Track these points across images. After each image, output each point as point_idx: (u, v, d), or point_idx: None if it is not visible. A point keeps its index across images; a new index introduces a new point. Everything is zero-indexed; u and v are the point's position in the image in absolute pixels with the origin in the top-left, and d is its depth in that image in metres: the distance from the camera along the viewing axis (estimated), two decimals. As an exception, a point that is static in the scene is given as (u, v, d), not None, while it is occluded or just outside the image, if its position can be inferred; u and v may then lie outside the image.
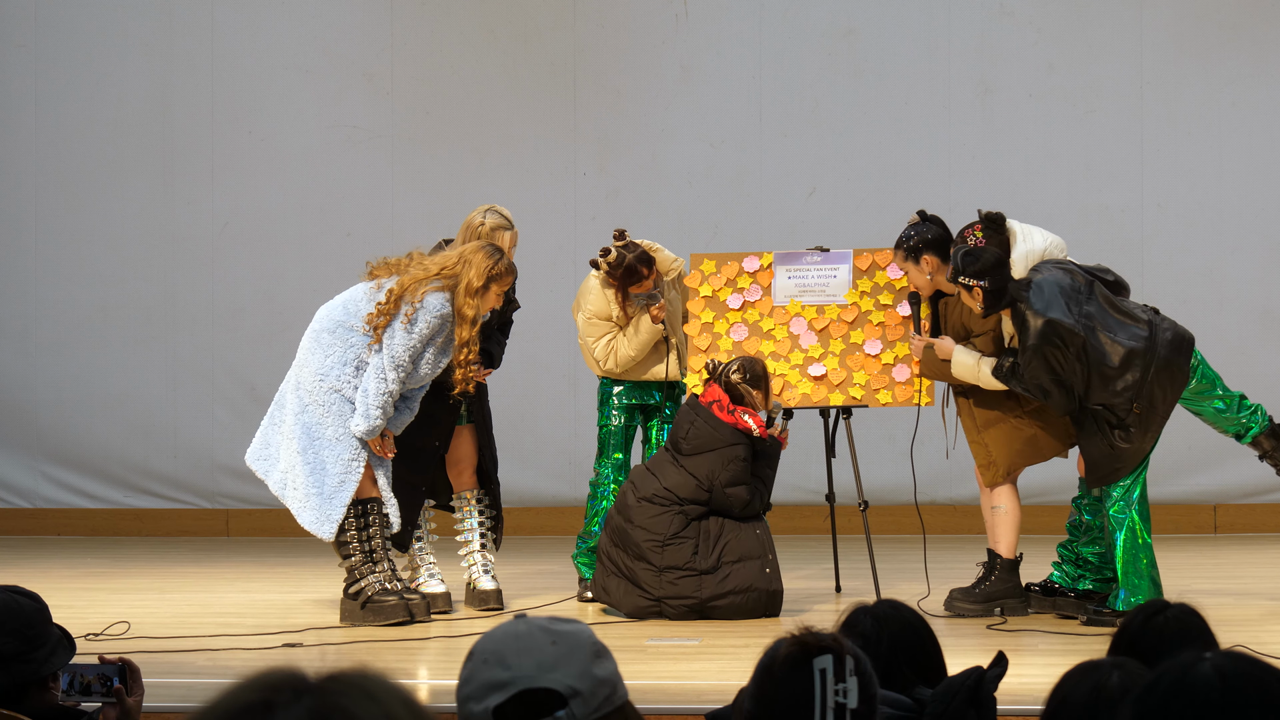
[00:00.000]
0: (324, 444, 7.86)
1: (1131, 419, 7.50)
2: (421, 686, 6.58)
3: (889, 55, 11.46)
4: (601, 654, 2.68)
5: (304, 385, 7.93)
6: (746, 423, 7.96)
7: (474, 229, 8.25)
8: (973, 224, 7.76)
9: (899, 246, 8.03)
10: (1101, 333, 7.50)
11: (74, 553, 10.83)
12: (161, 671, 6.41)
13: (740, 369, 8.07)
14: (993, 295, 7.60)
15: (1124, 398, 7.49)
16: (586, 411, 9.97)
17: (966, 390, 7.98)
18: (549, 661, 2.61)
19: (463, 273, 7.84)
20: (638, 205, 11.36)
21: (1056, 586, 7.90)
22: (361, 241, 11.69)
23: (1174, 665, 2.42)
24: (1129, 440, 7.52)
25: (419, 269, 7.89)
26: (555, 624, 2.70)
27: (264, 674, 1.91)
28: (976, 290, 7.60)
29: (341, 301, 8.04)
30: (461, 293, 7.81)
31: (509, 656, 2.61)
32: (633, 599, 7.90)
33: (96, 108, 11.86)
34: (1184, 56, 11.30)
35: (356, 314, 7.93)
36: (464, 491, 8.39)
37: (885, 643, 3.79)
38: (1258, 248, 11.25)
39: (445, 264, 7.88)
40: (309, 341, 8.01)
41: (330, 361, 7.88)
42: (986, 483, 7.97)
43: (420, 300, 7.81)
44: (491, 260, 7.86)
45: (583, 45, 11.65)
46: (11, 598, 4.15)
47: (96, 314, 11.87)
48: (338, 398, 7.86)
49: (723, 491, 7.90)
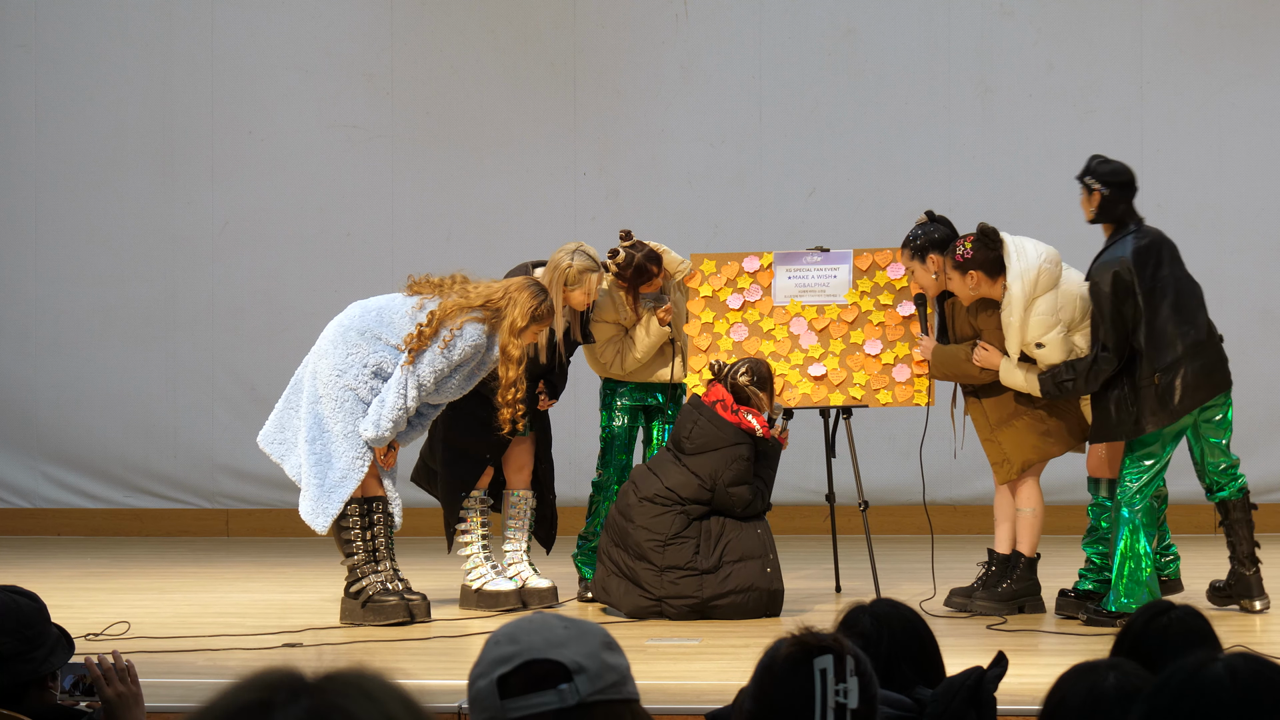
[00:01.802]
0: (331, 438, 7.87)
1: (1145, 386, 7.51)
2: (421, 686, 6.58)
3: (889, 55, 11.46)
4: (614, 647, 2.68)
5: (320, 376, 7.92)
6: (750, 423, 7.96)
7: (561, 271, 8.15)
8: (966, 235, 7.79)
9: (906, 246, 8.03)
10: (1169, 301, 7.56)
11: (74, 553, 10.82)
12: (161, 671, 6.40)
13: (748, 371, 8.07)
14: (1107, 204, 7.72)
15: (1152, 366, 7.52)
16: (586, 411, 9.97)
17: (977, 389, 7.98)
18: (558, 639, 2.61)
19: (507, 310, 7.79)
20: (638, 205, 11.36)
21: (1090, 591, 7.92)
22: (361, 241, 11.70)
23: (1185, 665, 2.43)
24: (1133, 403, 7.52)
25: (461, 296, 7.87)
26: (569, 620, 2.71)
27: (263, 674, 1.90)
28: (1096, 194, 7.73)
29: (377, 309, 7.98)
30: (505, 330, 7.78)
31: (520, 635, 2.62)
32: (633, 599, 7.90)
33: (96, 108, 11.86)
34: (1184, 56, 11.30)
35: (390, 327, 7.88)
36: (518, 490, 8.40)
37: (885, 642, 3.79)
38: (1258, 248, 11.25)
39: (490, 296, 7.83)
40: (334, 334, 7.97)
41: (351, 361, 7.87)
42: (1000, 480, 7.98)
43: (460, 328, 7.79)
44: (536, 301, 7.81)
45: (583, 45, 11.65)
46: (10, 598, 4.15)
47: (96, 314, 11.87)
48: (351, 395, 7.86)
49: (725, 491, 7.89)
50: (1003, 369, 7.79)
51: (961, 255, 7.72)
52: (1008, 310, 7.68)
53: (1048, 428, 7.92)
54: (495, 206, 11.66)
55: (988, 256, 7.70)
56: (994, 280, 7.73)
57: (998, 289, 7.74)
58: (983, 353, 7.85)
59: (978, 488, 10.48)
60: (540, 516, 8.50)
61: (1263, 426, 11.20)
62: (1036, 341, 7.66)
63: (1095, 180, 7.78)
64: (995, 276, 7.72)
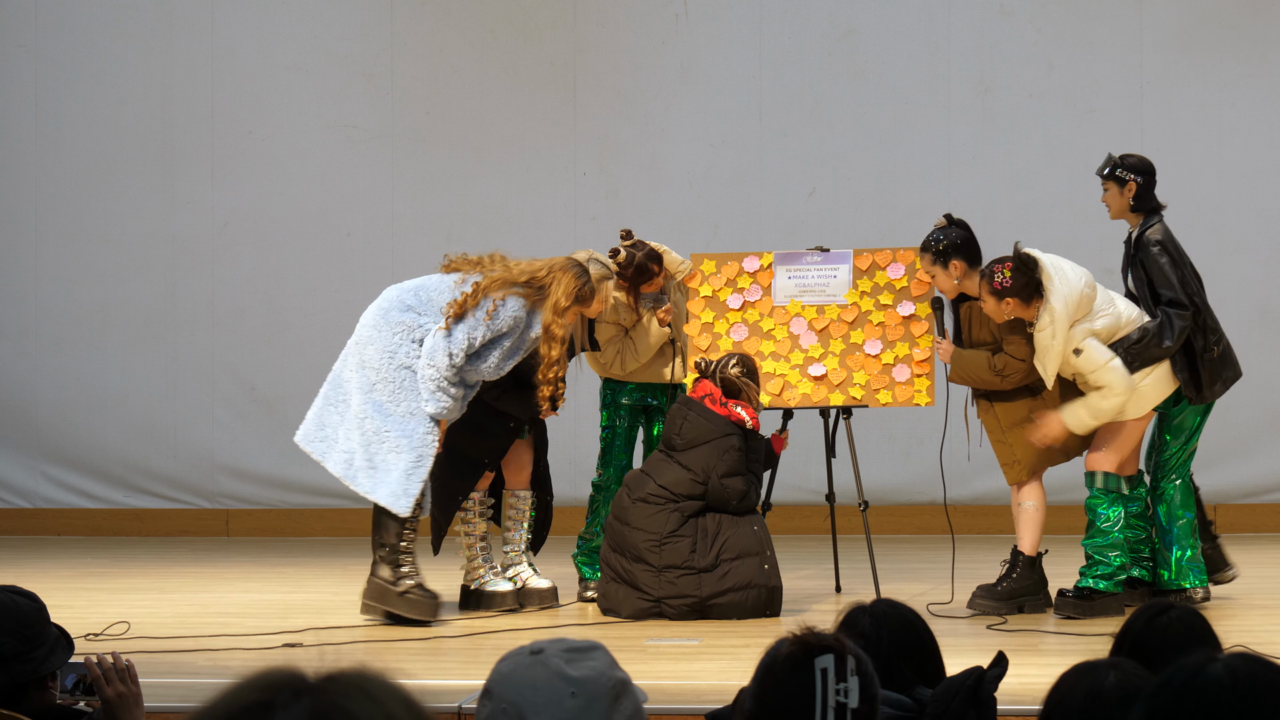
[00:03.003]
0: (396, 420, 7.80)
1: (1205, 356, 7.85)
2: (421, 686, 6.58)
3: (889, 55, 11.46)
4: (621, 694, 2.63)
5: (369, 364, 7.87)
6: (740, 414, 7.98)
7: None
8: (1004, 260, 7.74)
9: (926, 250, 7.99)
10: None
11: (74, 553, 10.83)
12: (161, 671, 6.40)
13: (738, 363, 8.09)
14: (1144, 191, 7.96)
15: (1206, 339, 7.90)
16: (586, 411, 9.97)
17: (989, 392, 7.99)
18: (567, 714, 2.57)
19: (552, 289, 7.81)
20: (638, 205, 11.36)
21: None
22: (361, 241, 11.70)
23: (1186, 665, 2.43)
24: (1192, 374, 7.84)
25: (503, 270, 7.88)
26: (574, 662, 2.64)
27: (263, 674, 1.90)
28: (1131, 184, 7.94)
29: (414, 287, 7.97)
30: (549, 309, 7.79)
31: (528, 713, 2.57)
32: (632, 602, 7.89)
33: (96, 108, 11.86)
34: (1184, 56, 11.30)
35: (428, 302, 7.87)
36: (517, 490, 8.39)
37: (885, 642, 3.79)
38: (1258, 248, 11.25)
39: (535, 273, 7.86)
40: (375, 318, 7.93)
41: (399, 340, 7.83)
42: (1010, 481, 8.00)
43: (503, 299, 7.80)
44: (580, 282, 7.85)
45: (583, 45, 11.65)
46: (10, 598, 4.15)
47: (96, 314, 11.87)
48: (407, 374, 7.82)
49: (720, 483, 7.89)
50: (1071, 422, 7.79)
51: (1000, 283, 7.70)
52: (1047, 333, 7.66)
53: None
54: (495, 206, 11.66)
55: (1025, 283, 7.70)
56: (1028, 305, 7.74)
57: (1030, 311, 7.74)
58: (1043, 431, 7.84)
59: (980, 488, 10.48)
60: (535, 518, 8.49)
61: (1263, 426, 11.21)
62: (1074, 348, 7.68)
63: (1129, 172, 7.99)
64: (1030, 301, 7.73)
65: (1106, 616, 7.61)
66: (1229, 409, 11.12)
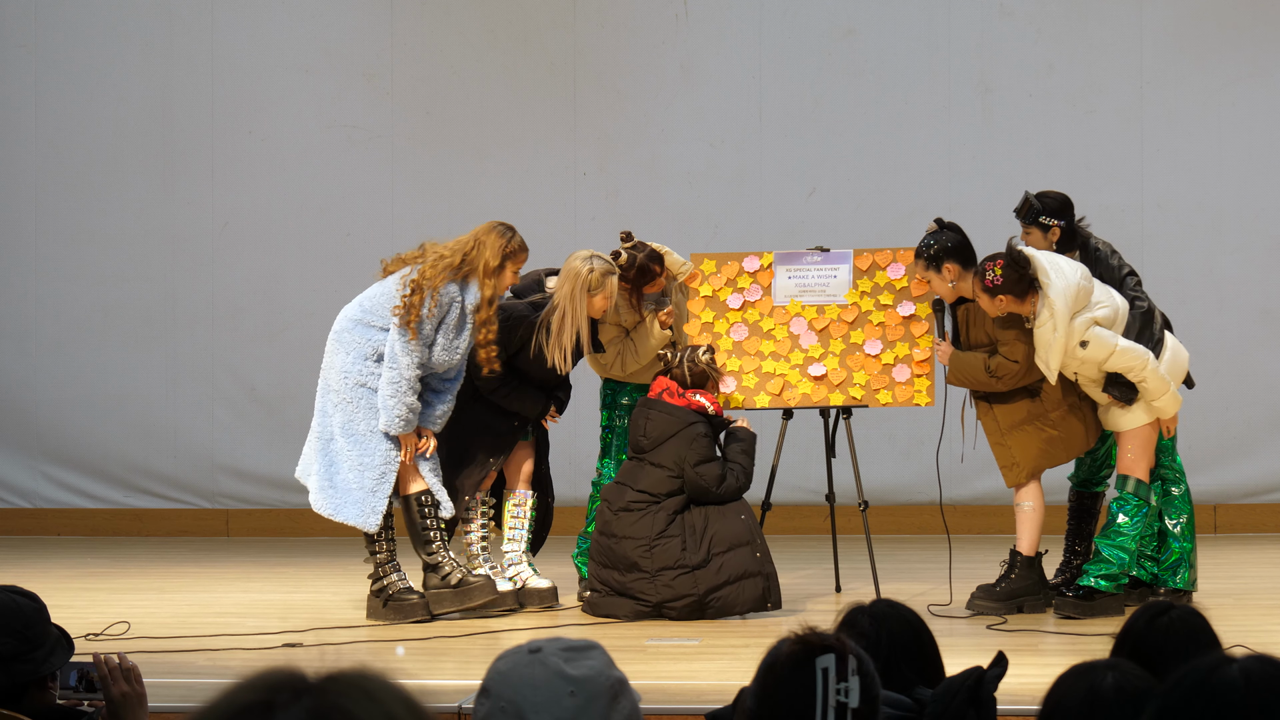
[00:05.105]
0: (358, 439, 7.92)
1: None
2: (421, 686, 6.58)
3: (889, 55, 11.46)
4: (619, 693, 2.63)
5: (331, 386, 8.01)
6: (700, 402, 8.02)
7: (583, 278, 8.11)
8: (996, 257, 7.74)
9: (919, 256, 7.99)
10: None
11: (74, 553, 10.82)
12: (161, 671, 6.40)
13: (707, 349, 8.16)
14: (1067, 234, 8.08)
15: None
16: (586, 411, 9.97)
17: (989, 396, 7.99)
18: (567, 718, 2.56)
19: (478, 255, 7.93)
20: (638, 205, 11.36)
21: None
22: (361, 241, 11.69)
23: (1199, 666, 2.42)
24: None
25: (435, 256, 7.95)
26: (572, 661, 2.64)
27: (264, 674, 1.90)
28: (1055, 230, 8.06)
29: (359, 301, 8.12)
30: (481, 272, 7.90)
31: (527, 712, 2.57)
32: (630, 608, 7.89)
33: (96, 108, 11.86)
34: (1184, 56, 11.30)
35: (373, 310, 7.99)
36: (518, 490, 8.40)
37: (884, 642, 3.79)
38: (1258, 248, 11.24)
39: (463, 250, 7.96)
40: (331, 344, 8.11)
41: (352, 358, 7.95)
42: (1009, 484, 8.00)
43: (441, 286, 7.90)
44: (504, 239, 7.97)
45: (583, 45, 11.65)
46: (10, 598, 4.15)
47: (96, 314, 11.87)
48: (365, 392, 7.93)
49: (694, 471, 7.89)
50: (1121, 418, 7.86)
51: (991, 281, 7.71)
52: (1047, 326, 7.66)
53: (1056, 434, 7.93)
54: (495, 206, 11.63)
55: (1018, 280, 7.70)
56: (1023, 300, 7.74)
57: (1026, 307, 7.75)
58: (1165, 427, 8.01)
59: (978, 488, 10.47)
60: (536, 520, 8.49)
61: (1263, 426, 11.20)
62: (1081, 340, 7.69)
63: (1051, 217, 8.11)
64: (1024, 297, 7.73)
65: (1106, 616, 7.62)
66: (1229, 409, 11.15)
